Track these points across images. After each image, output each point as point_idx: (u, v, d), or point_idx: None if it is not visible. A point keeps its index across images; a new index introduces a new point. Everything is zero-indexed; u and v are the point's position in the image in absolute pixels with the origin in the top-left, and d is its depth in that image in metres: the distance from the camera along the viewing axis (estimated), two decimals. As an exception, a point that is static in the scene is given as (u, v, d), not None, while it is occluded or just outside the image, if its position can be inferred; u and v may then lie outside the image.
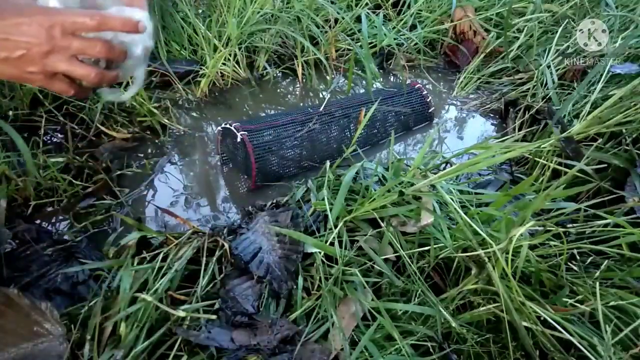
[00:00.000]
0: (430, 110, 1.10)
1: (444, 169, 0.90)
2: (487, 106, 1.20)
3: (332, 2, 1.27)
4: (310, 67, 1.22)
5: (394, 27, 1.30)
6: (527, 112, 1.09)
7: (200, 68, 1.14)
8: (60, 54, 0.46)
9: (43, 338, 0.55)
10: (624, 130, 0.85)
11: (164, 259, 0.66)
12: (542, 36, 1.29)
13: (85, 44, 0.46)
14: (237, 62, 1.18)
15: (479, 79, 1.26)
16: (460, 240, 0.64)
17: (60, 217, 0.80)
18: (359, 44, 1.20)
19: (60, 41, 0.45)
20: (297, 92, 1.22)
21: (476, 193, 0.77)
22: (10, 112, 0.92)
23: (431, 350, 0.58)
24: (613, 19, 1.20)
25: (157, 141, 0.99)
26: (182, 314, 0.57)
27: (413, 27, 1.34)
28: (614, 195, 0.77)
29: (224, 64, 1.14)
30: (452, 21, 1.35)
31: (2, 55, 0.44)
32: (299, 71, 1.21)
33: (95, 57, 0.48)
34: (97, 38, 0.47)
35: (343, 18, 1.17)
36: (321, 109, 0.96)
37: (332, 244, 0.64)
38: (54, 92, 0.49)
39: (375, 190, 0.69)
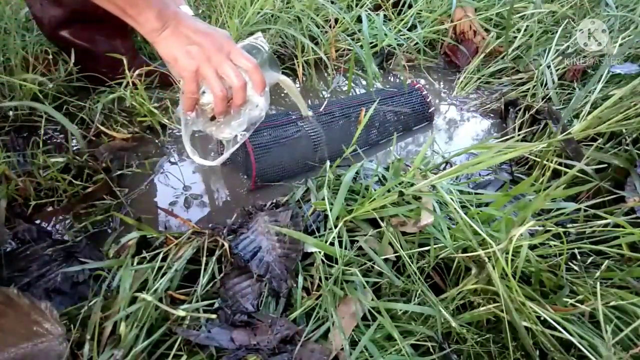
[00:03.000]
0: (430, 110, 1.10)
1: (444, 169, 0.90)
2: (487, 106, 1.20)
3: (332, 2, 1.27)
4: (311, 67, 1.22)
5: (395, 27, 1.30)
6: (527, 112, 1.09)
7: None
8: (214, 65, 0.61)
9: (43, 338, 0.55)
10: (624, 130, 0.85)
11: (164, 259, 0.66)
12: (542, 36, 1.29)
13: (233, 69, 0.61)
14: (237, 62, 1.18)
15: (479, 79, 1.27)
16: (460, 240, 0.64)
17: (60, 217, 0.80)
18: (359, 44, 1.20)
19: (220, 56, 0.61)
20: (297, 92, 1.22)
21: (476, 193, 0.77)
22: (11, 112, 0.92)
23: (431, 350, 0.58)
24: (613, 19, 1.20)
25: (157, 141, 0.99)
26: (182, 313, 0.58)
27: (413, 27, 1.34)
28: (614, 195, 0.77)
29: (224, 64, 1.14)
30: (452, 21, 1.35)
31: (183, 45, 0.60)
32: (299, 71, 1.21)
33: (229, 83, 0.62)
34: (241, 75, 0.62)
35: (343, 18, 1.17)
36: (321, 109, 0.96)
37: (332, 243, 0.64)
38: (184, 87, 0.63)
39: (375, 190, 0.69)
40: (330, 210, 0.67)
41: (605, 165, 0.82)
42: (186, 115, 0.66)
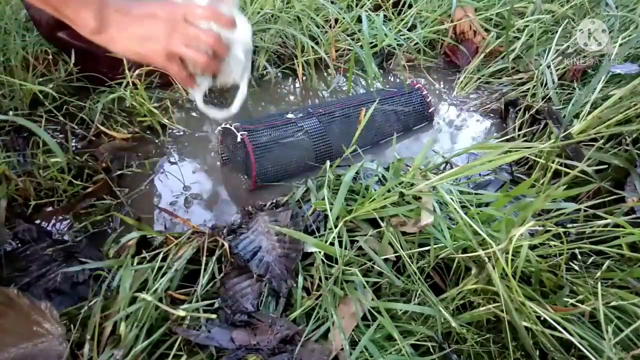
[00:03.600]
0: (430, 110, 1.10)
1: (444, 169, 0.90)
2: (487, 106, 1.20)
3: (332, 2, 1.27)
4: (311, 67, 1.22)
5: (395, 27, 1.30)
6: (527, 112, 1.09)
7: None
8: (180, 37, 0.56)
9: (43, 338, 0.55)
10: (624, 130, 0.85)
11: (164, 259, 0.66)
12: (542, 36, 1.29)
13: (199, 31, 0.57)
14: (237, 62, 1.18)
15: (479, 79, 1.26)
16: (460, 240, 0.64)
17: (60, 217, 0.80)
18: (360, 44, 1.20)
19: (182, 25, 0.56)
20: (297, 92, 1.22)
21: (476, 193, 0.77)
22: (11, 112, 0.92)
23: (431, 350, 0.58)
24: (613, 19, 1.20)
25: (157, 141, 0.99)
26: (182, 313, 0.57)
27: (413, 27, 1.34)
28: (614, 196, 0.77)
29: (224, 64, 1.14)
30: (452, 21, 1.35)
31: (136, 35, 0.55)
32: (299, 71, 1.21)
33: (205, 45, 0.57)
34: (209, 30, 0.57)
35: (343, 18, 1.17)
36: (321, 109, 0.96)
37: (332, 243, 0.64)
38: (170, 73, 0.59)
39: (375, 190, 0.69)
40: (330, 210, 0.67)
41: (606, 165, 0.82)
42: (192, 90, 0.65)
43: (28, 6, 0.92)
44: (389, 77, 1.32)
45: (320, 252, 0.65)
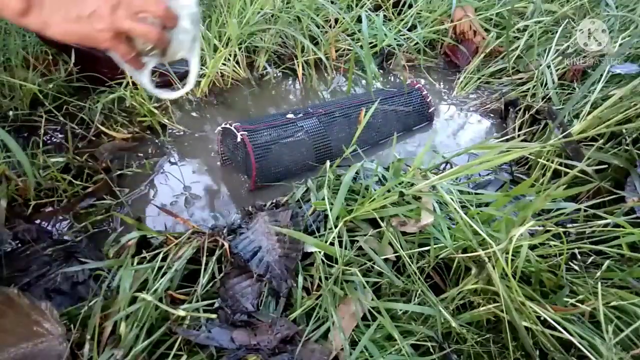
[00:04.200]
0: (430, 110, 1.10)
1: (444, 169, 0.90)
2: (487, 106, 1.20)
3: (332, 2, 1.27)
4: (311, 67, 1.22)
5: (395, 27, 1.30)
6: (527, 112, 1.09)
7: (201, 68, 1.14)
8: (125, 10, 0.50)
9: (43, 338, 0.55)
10: (624, 130, 0.85)
11: (164, 259, 0.66)
12: (542, 36, 1.29)
13: (145, 2, 0.51)
14: (237, 62, 1.18)
15: (479, 79, 1.26)
16: (460, 240, 0.64)
17: (60, 217, 0.80)
18: (359, 44, 1.20)
19: None
20: (297, 92, 1.22)
21: (476, 193, 0.77)
22: (11, 112, 0.92)
23: (431, 350, 0.58)
24: (613, 19, 1.20)
25: (157, 141, 0.99)
26: (182, 313, 0.57)
27: (413, 27, 1.34)
28: (614, 195, 0.77)
29: (224, 64, 1.15)
30: (452, 21, 1.35)
31: (74, 14, 0.47)
32: (299, 71, 1.21)
33: (154, 15, 0.52)
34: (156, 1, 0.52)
35: (343, 18, 1.17)
36: (321, 109, 0.96)
37: (332, 243, 0.64)
38: (118, 54, 0.53)
39: (375, 190, 0.69)
40: (330, 210, 0.67)
41: (606, 165, 0.82)
42: (138, 70, 0.58)
43: None
44: (389, 77, 1.32)
45: (320, 252, 0.65)
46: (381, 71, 1.33)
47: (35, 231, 0.73)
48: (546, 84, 1.12)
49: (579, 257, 0.67)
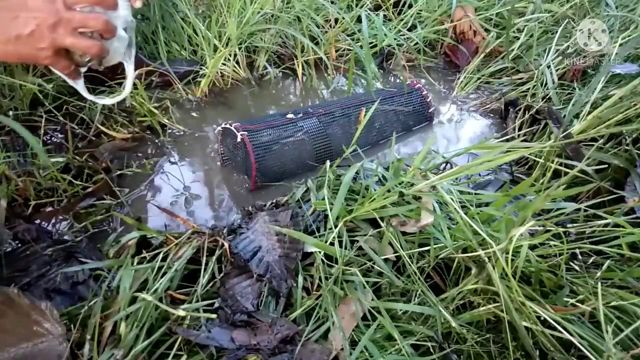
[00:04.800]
0: (430, 110, 1.10)
1: (444, 169, 0.90)
2: (487, 106, 1.20)
3: (332, 2, 1.27)
4: (311, 67, 1.22)
5: (395, 27, 1.30)
6: (527, 112, 1.09)
7: (200, 68, 1.14)
8: (66, 26, 0.49)
9: (43, 338, 0.55)
10: (624, 130, 0.85)
11: (163, 259, 0.66)
12: (542, 36, 1.29)
13: (86, 15, 0.50)
14: (237, 62, 1.18)
15: (479, 79, 1.26)
16: (460, 240, 0.64)
17: (60, 217, 0.80)
18: (359, 44, 1.20)
19: (65, 13, 0.48)
20: (297, 92, 1.22)
21: (476, 193, 0.77)
22: (11, 112, 0.92)
23: (431, 350, 0.58)
24: (613, 19, 1.20)
25: (157, 141, 0.99)
26: (182, 313, 0.57)
27: (413, 27, 1.34)
28: (614, 195, 0.77)
29: (224, 64, 1.15)
30: (452, 21, 1.35)
31: (14, 34, 0.47)
32: (299, 71, 1.22)
33: (94, 30, 0.51)
34: (93, 12, 0.51)
35: (343, 18, 1.17)
36: (321, 109, 0.96)
37: (332, 243, 0.64)
38: (58, 69, 0.52)
39: (375, 190, 0.69)
40: (330, 210, 0.67)
41: (606, 165, 0.82)
42: (75, 79, 0.58)
43: None
44: (389, 77, 1.32)
45: (320, 252, 0.65)
46: (381, 71, 1.33)
47: (35, 231, 0.73)
48: (546, 84, 1.12)
49: (579, 257, 0.67)
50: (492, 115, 1.19)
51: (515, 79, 1.23)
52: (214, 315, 0.59)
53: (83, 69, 0.57)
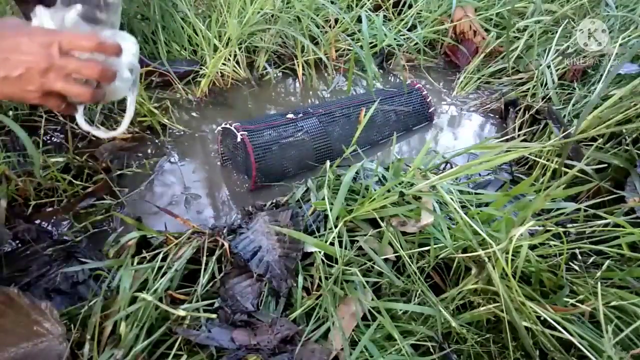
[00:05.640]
0: (430, 110, 1.10)
1: (444, 169, 0.90)
2: (487, 106, 1.20)
3: (332, 2, 1.27)
4: (311, 67, 1.22)
5: (395, 27, 1.30)
6: (527, 112, 1.09)
7: (200, 68, 1.14)
8: (57, 72, 0.47)
9: (43, 337, 0.55)
10: (624, 130, 0.85)
11: (163, 259, 0.66)
12: (542, 36, 1.29)
13: (80, 64, 0.47)
14: (237, 62, 1.18)
15: (479, 79, 1.26)
16: (460, 240, 0.64)
17: (60, 217, 0.80)
18: (359, 44, 1.20)
19: (58, 60, 0.46)
20: (297, 92, 1.22)
21: (476, 193, 0.77)
22: (11, 112, 0.92)
23: (431, 350, 0.58)
24: (613, 19, 1.20)
25: (157, 141, 0.99)
26: (182, 313, 0.57)
27: (413, 27, 1.34)
28: (614, 195, 0.77)
29: (224, 64, 1.15)
30: (452, 21, 1.35)
31: (1, 75, 0.45)
32: (299, 71, 1.22)
33: (89, 78, 0.49)
34: (92, 59, 0.49)
35: (343, 18, 1.17)
36: (321, 109, 0.96)
37: (332, 243, 0.64)
38: (48, 106, 0.50)
39: (375, 190, 0.69)
40: (330, 210, 0.67)
41: (605, 165, 0.82)
42: (71, 113, 0.56)
43: (25, 12, 0.93)
44: (389, 77, 1.32)
45: (320, 252, 0.65)
46: (381, 71, 1.33)
47: (35, 231, 0.73)
48: (546, 84, 1.12)
49: (579, 257, 0.67)
50: (492, 115, 1.19)
51: (515, 79, 1.23)
52: (214, 315, 0.59)
53: (80, 106, 0.56)
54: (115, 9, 0.55)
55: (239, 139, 0.83)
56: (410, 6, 1.38)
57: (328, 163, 0.80)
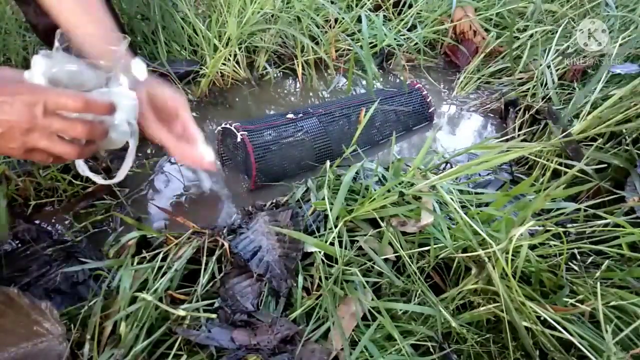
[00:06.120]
0: (430, 110, 1.10)
1: (444, 169, 0.90)
2: (487, 106, 1.20)
3: (332, 2, 1.27)
4: (311, 67, 1.22)
5: (395, 27, 1.30)
6: (527, 112, 1.09)
7: (200, 68, 1.14)
8: (41, 132, 0.46)
9: (43, 337, 0.55)
10: (624, 130, 0.85)
11: (163, 259, 0.66)
12: (542, 36, 1.29)
13: (65, 125, 0.46)
14: (237, 62, 1.18)
15: (479, 79, 1.27)
16: (460, 240, 0.64)
17: (60, 217, 0.80)
18: (359, 44, 1.20)
19: (42, 120, 0.45)
20: (297, 92, 1.22)
21: (476, 193, 0.77)
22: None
23: (431, 350, 0.58)
24: (613, 19, 1.20)
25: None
26: (182, 313, 0.57)
27: (413, 27, 1.34)
28: (614, 195, 0.77)
29: (224, 64, 1.15)
30: (452, 21, 1.35)
31: None
32: (299, 71, 1.22)
33: (75, 137, 0.48)
34: (79, 119, 0.47)
35: (343, 18, 1.17)
36: (321, 109, 0.96)
37: (332, 243, 0.64)
38: (34, 160, 0.50)
39: (375, 190, 0.69)
40: (330, 210, 0.67)
41: (605, 165, 0.82)
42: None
43: (25, 12, 0.93)
44: (389, 77, 1.32)
45: (320, 252, 0.65)
46: (381, 71, 1.33)
47: (35, 231, 0.73)
48: (546, 84, 1.12)
49: (578, 257, 0.67)
50: (492, 115, 1.19)
51: (515, 79, 1.23)
52: (214, 315, 0.59)
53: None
54: (119, 58, 0.54)
55: (239, 139, 0.83)
56: (410, 6, 1.38)
57: (328, 163, 0.80)
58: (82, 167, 0.58)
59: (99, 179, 0.59)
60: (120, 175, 0.59)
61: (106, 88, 0.52)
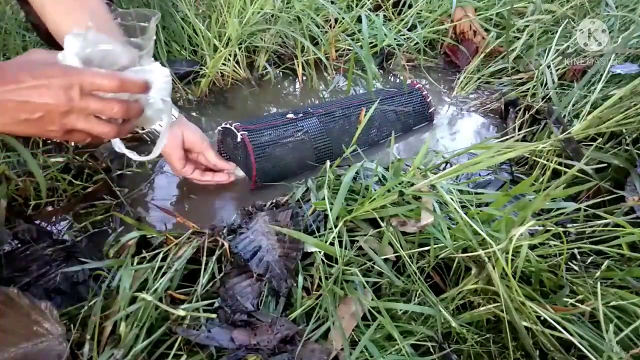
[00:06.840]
0: (430, 110, 1.10)
1: (444, 169, 0.90)
2: (487, 106, 1.20)
3: (332, 2, 1.27)
4: (311, 67, 1.22)
5: (395, 27, 1.30)
6: (527, 112, 1.09)
7: (201, 68, 1.14)
8: (78, 114, 0.48)
9: (43, 338, 0.55)
10: (624, 130, 0.85)
11: (163, 259, 0.66)
12: (542, 36, 1.29)
13: (102, 105, 0.48)
14: (237, 62, 1.18)
15: (479, 79, 1.26)
16: (460, 240, 0.64)
17: (60, 217, 0.80)
18: (359, 44, 1.20)
19: (79, 102, 0.46)
20: (297, 92, 1.22)
21: (476, 193, 0.77)
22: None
23: (431, 350, 0.58)
24: (613, 19, 1.20)
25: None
26: (182, 313, 0.58)
27: (413, 27, 1.34)
28: (614, 195, 0.77)
29: (224, 64, 1.15)
30: (452, 21, 1.35)
31: (22, 117, 0.46)
32: (299, 71, 1.22)
33: (112, 117, 0.50)
34: (115, 99, 0.49)
35: (343, 18, 1.17)
36: (321, 109, 0.96)
37: (332, 243, 0.64)
38: (73, 142, 0.53)
39: (375, 190, 0.69)
40: (330, 210, 0.67)
41: (605, 165, 0.82)
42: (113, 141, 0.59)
43: (27, 12, 0.93)
44: (389, 77, 1.32)
45: (320, 252, 0.65)
46: (381, 71, 1.33)
47: (35, 231, 0.73)
48: (546, 84, 1.12)
49: (578, 257, 0.67)
50: (492, 115, 1.19)
51: (515, 79, 1.23)
52: (213, 315, 0.59)
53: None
54: (150, 35, 0.55)
55: (239, 139, 0.83)
56: (410, 6, 1.38)
57: (328, 163, 0.80)
58: (118, 145, 0.61)
59: (135, 156, 0.63)
60: (155, 152, 0.62)
61: (139, 66, 0.53)
